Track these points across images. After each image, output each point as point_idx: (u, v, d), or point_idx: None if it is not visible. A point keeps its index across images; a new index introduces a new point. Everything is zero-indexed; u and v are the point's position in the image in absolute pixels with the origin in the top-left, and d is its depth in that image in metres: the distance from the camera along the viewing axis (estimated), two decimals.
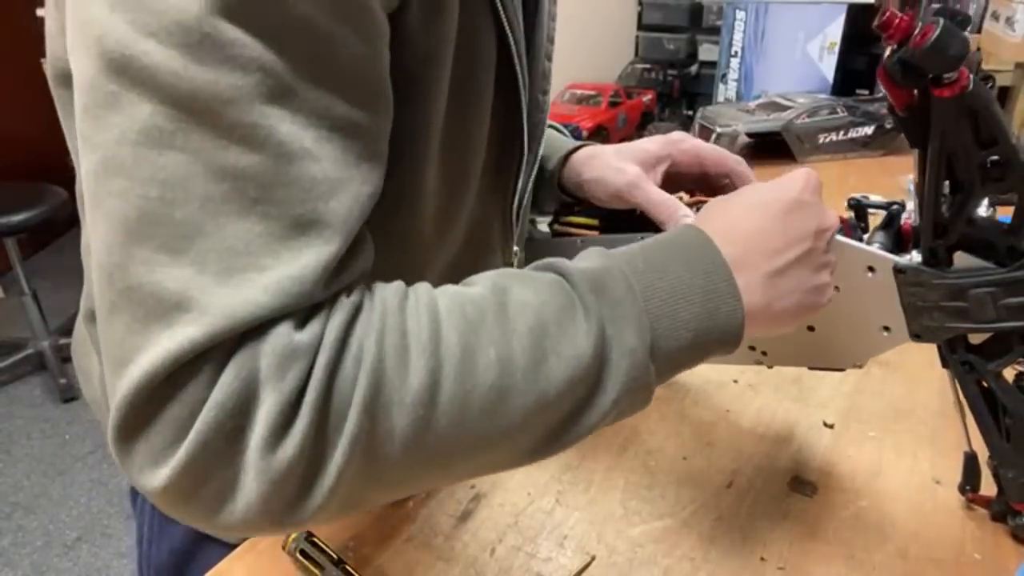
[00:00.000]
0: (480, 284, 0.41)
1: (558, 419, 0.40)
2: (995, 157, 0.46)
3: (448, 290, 0.40)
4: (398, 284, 0.39)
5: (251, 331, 0.33)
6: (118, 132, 0.32)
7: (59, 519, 1.99)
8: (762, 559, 0.59)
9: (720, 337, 0.44)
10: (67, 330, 2.61)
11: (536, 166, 0.62)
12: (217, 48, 0.32)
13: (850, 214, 0.59)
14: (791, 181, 0.50)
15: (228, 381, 0.32)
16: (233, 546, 0.61)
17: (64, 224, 2.90)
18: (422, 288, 0.40)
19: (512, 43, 0.50)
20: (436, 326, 0.37)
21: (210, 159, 0.32)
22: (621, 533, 0.62)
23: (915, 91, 0.47)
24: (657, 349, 0.41)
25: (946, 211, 0.49)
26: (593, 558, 0.59)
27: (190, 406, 0.32)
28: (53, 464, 2.19)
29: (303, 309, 0.34)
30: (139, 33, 0.31)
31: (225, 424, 0.32)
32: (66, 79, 0.47)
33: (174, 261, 0.32)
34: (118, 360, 0.33)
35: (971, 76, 0.44)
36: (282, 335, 0.33)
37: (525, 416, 0.38)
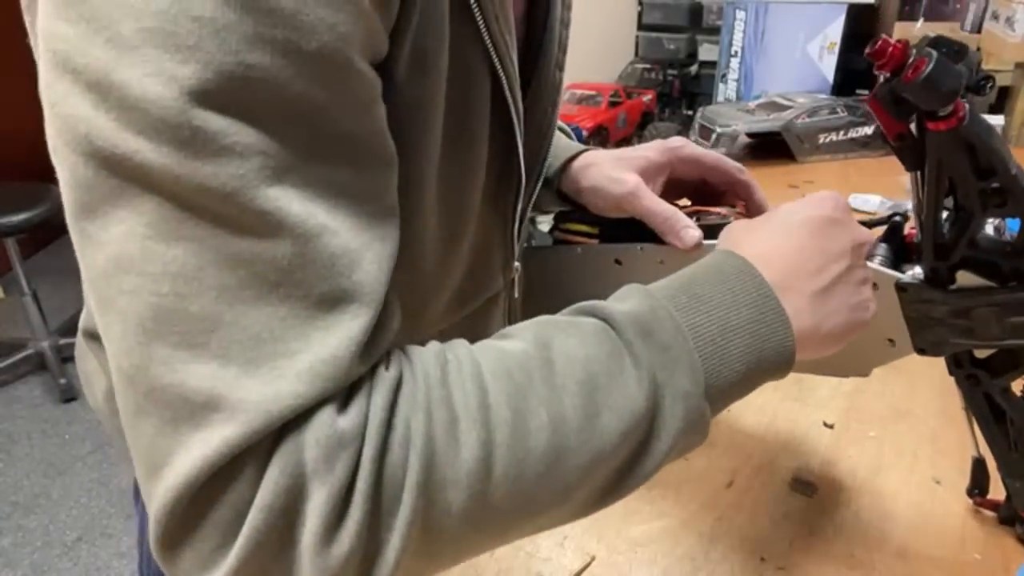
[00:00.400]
0: (520, 339, 0.40)
1: (614, 472, 0.39)
2: (996, 185, 0.44)
3: (488, 351, 0.39)
4: (436, 348, 0.38)
5: (291, 422, 0.31)
6: (126, 228, 0.31)
7: (59, 519, 1.99)
8: (762, 559, 0.59)
9: (771, 368, 0.42)
10: (67, 330, 2.62)
11: (539, 186, 0.60)
12: (209, 140, 0.30)
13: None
14: (819, 200, 0.48)
15: (274, 478, 0.31)
16: None
17: (64, 224, 2.90)
18: (462, 351, 0.38)
19: (505, 84, 0.48)
20: (483, 394, 0.36)
21: (221, 247, 0.31)
22: (621, 533, 0.62)
23: (907, 124, 0.45)
24: (710, 388, 0.40)
25: (947, 232, 0.48)
26: (593, 558, 0.59)
27: (236, 508, 0.31)
28: (53, 464, 2.19)
29: (342, 390, 0.33)
30: (127, 131, 0.30)
31: (276, 524, 0.31)
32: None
33: (195, 357, 0.31)
34: (151, 465, 0.32)
35: (967, 108, 0.42)
36: (325, 424, 0.32)
37: (581, 475, 0.37)
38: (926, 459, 0.69)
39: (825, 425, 0.74)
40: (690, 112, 1.94)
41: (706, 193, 0.65)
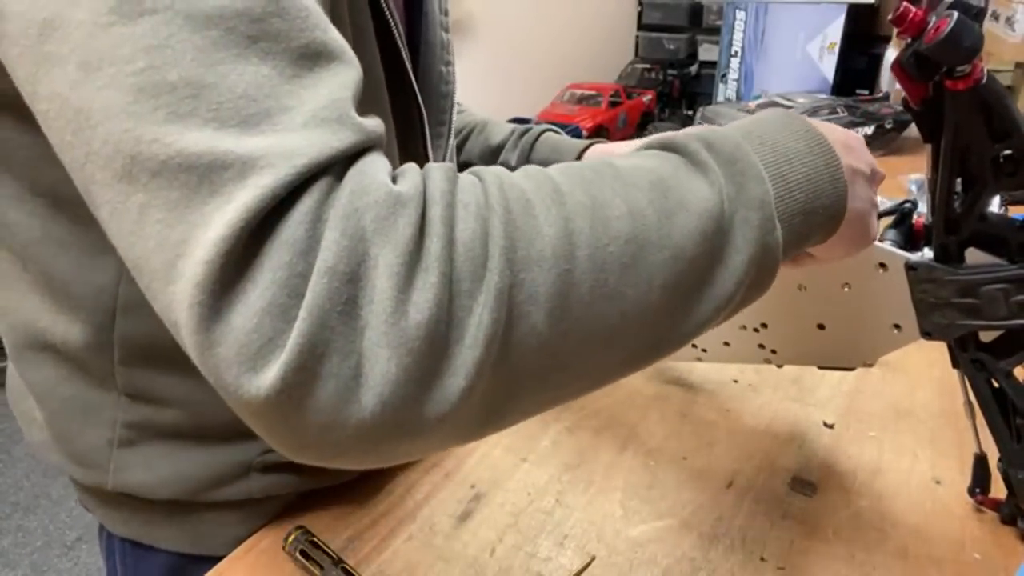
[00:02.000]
0: (584, 162, 0.38)
1: (693, 282, 0.36)
2: (1008, 152, 0.47)
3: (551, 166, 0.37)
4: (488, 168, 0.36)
5: (328, 180, 0.29)
6: (87, 27, 0.29)
7: (59, 519, 1.99)
8: (762, 559, 0.59)
9: (827, 205, 0.41)
10: None
11: (451, 140, 0.60)
12: None
13: None
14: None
15: (334, 238, 0.28)
16: (219, 559, 0.60)
17: None
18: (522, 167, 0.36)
19: (393, 26, 0.48)
20: (555, 184, 0.34)
21: (191, 9, 0.29)
22: (621, 533, 0.62)
23: (929, 85, 0.47)
24: (779, 208, 0.38)
25: (958, 207, 0.50)
26: (593, 558, 0.59)
27: (288, 280, 0.27)
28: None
29: (378, 149, 0.31)
30: None
31: (341, 292, 0.27)
32: None
33: (187, 126, 0.28)
34: (167, 265, 0.28)
35: (984, 69, 0.44)
36: (373, 180, 0.29)
37: (663, 276, 0.35)
38: (926, 459, 0.69)
39: (825, 425, 0.74)
40: (690, 112, 1.94)
41: None
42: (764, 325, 0.62)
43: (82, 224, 0.47)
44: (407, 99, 0.53)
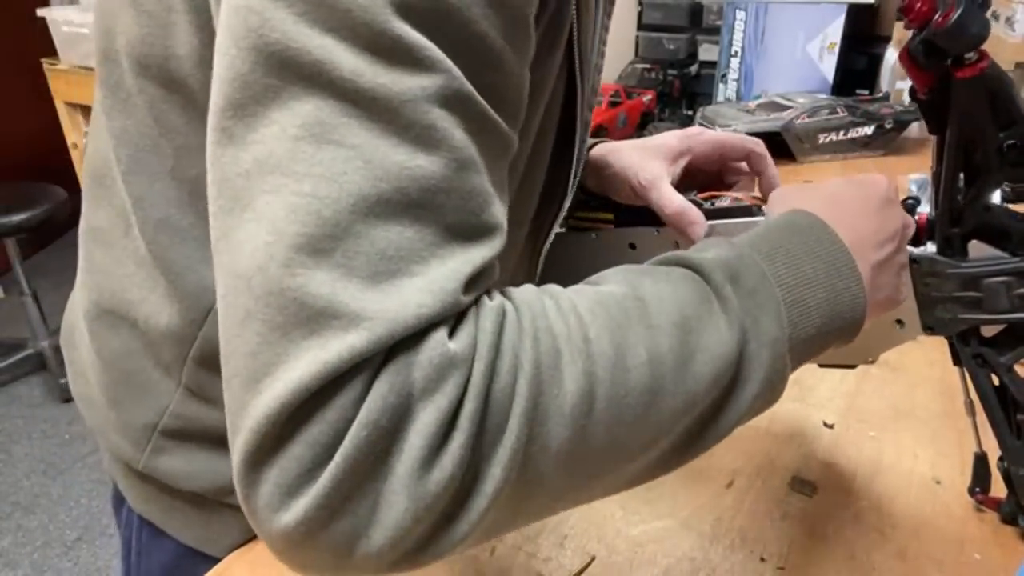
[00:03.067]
0: (611, 282, 0.39)
1: (698, 421, 0.38)
2: (1013, 140, 0.47)
3: (583, 291, 0.38)
4: (530, 287, 0.38)
5: (403, 341, 0.30)
6: (277, 128, 0.30)
7: (59, 519, 1.99)
8: (762, 559, 0.59)
9: (843, 325, 0.42)
10: None
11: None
12: (405, 50, 0.31)
13: None
14: (876, 180, 0.49)
15: (382, 394, 0.29)
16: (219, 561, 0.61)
17: (64, 224, 2.89)
18: (557, 290, 0.38)
19: (579, 90, 0.49)
20: (584, 327, 0.35)
21: (373, 158, 0.30)
22: (621, 533, 0.62)
23: (936, 75, 0.48)
24: (792, 338, 0.40)
25: (962, 198, 0.50)
26: (593, 558, 0.59)
27: (336, 426, 0.29)
28: (53, 464, 2.19)
29: (452, 317, 0.32)
30: (313, 28, 0.30)
31: (376, 445, 0.29)
32: (144, 69, 0.45)
33: (318, 264, 0.30)
34: (250, 376, 0.30)
35: (990, 57, 0.45)
36: (437, 344, 0.30)
37: (673, 419, 0.36)
38: (926, 459, 0.69)
39: (825, 425, 0.74)
40: (690, 112, 1.94)
41: (719, 181, 0.67)
42: None
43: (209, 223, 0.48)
44: (558, 174, 0.55)
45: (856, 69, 1.73)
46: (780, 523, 0.62)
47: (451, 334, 0.32)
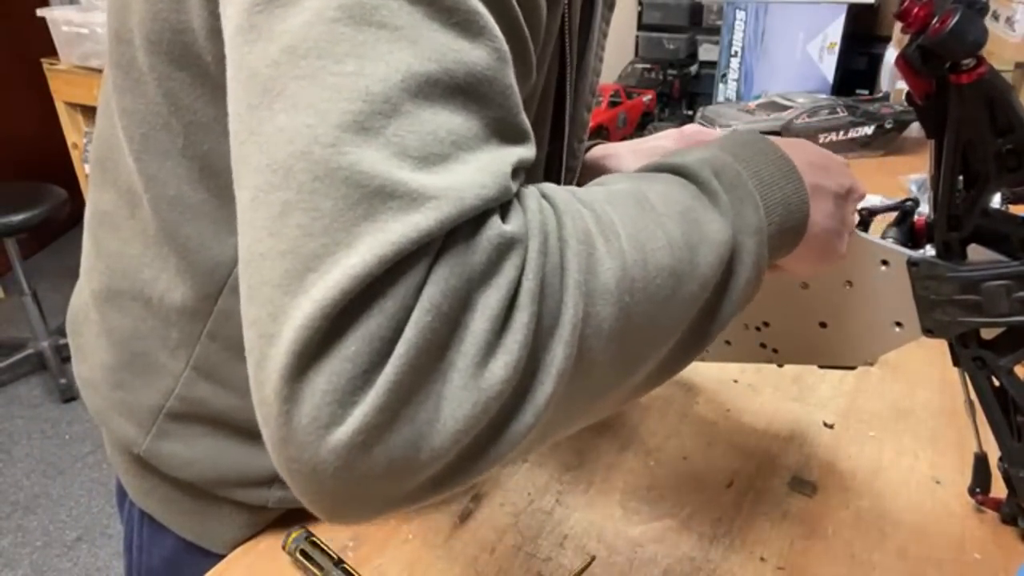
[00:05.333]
0: (614, 182, 0.40)
1: (707, 307, 0.40)
2: (1011, 146, 0.47)
3: (592, 188, 0.39)
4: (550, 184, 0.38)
5: (462, 225, 0.28)
6: (310, 14, 0.28)
7: (59, 519, 1.99)
8: (762, 559, 0.59)
9: (795, 226, 0.44)
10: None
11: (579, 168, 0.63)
12: None
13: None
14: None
15: (444, 277, 0.27)
16: (219, 556, 0.61)
17: (64, 224, 2.90)
18: (569, 187, 0.38)
19: (569, 72, 0.51)
20: (608, 214, 0.35)
21: (420, 37, 0.29)
22: (621, 533, 0.62)
23: (933, 80, 0.47)
24: (770, 230, 0.42)
25: (960, 203, 0.50)
26: (593, 558, 0.59)
27: (397, 316, 0.26)
28: (53, 464, 2.19)
29: (505, 203, 0.31)
30: None
31: (439, 333, 0.27)
32: (156, 46, 0.45)
33: (368, 141, 0.27)
34: (292, 275, 0.27)
35: (988, 63, 0.44)
36: (495, 226, 0.29)
37: (692, 302, 0.37)
38: (926, 459, 0.69)
39: (825, 425, 0.74)
40: (690, 112, 1.94)
41: None
42: (766, 324, 0.62)
43: (222, 199, 0.48)
44: (553, 153, 0.56)
45: (856, 69, 1.73)
46: (780, 523, 0.62)
47: (504, 216, 0.31)
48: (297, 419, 0.27)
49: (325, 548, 0.57)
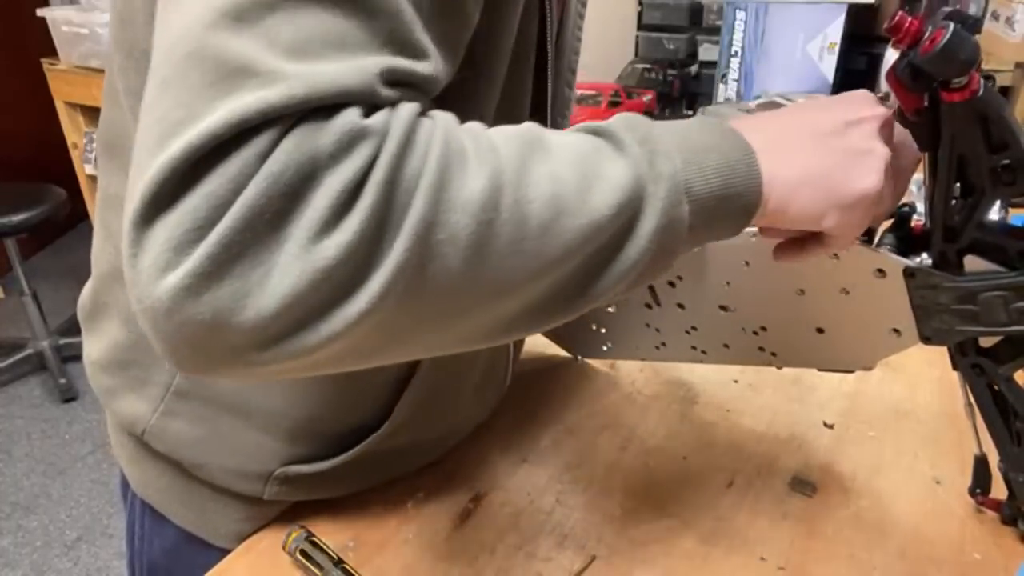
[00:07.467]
0: (512, 127, 0.40)
1: (600, 252, 0.39)
2: (1006, 161, 0.46)
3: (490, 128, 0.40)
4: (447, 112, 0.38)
5: (318, 109, 0.30)
6: None
7: (59, 519, 1.99)
8: (762, 559, 0.59)
9: (743, 191, 0.42)
10: (67, 330, 2.60)
11: None
12: None
13: None
14: (846, 100, 0.47)
15: (287, 150, 0.29)
16: (219, 549, 0.61)
17: (64, 224, 2.89)
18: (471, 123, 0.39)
19: (549, 24, 0.51)
20: (492, 140, 0.36)
21: None
22: (621, 533, 0.62)
23: (924, 96, 0.46)
24: (689, 187, 0.40)
25: (956, 215, 0.49)
26: (593, 558, 0.59)
27: (236, 179, 0.29)
28: (53, 464, 2.19)
29: (368, 103, 0.32)
30: None
31: (275, 202, 0.29)
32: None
33: (242, 30, 0.30)
34: (159, 137, 0.30)
35: (982, 80, 0.43)
36: (350, 116, 0.31)
37: (575, 242, 0.37)
38: (926, 459, 0.69)
39: (825, 425, 0.74)
40: (690, 112, 1.94)
41: None
42: (764, 328, 0.62)
43: None
44: (538, 107, 0.56)
45: (856, 69, 1.73)
46: (780, 523, 0.62)
47: (367, 112, 0.32)
48: (141, 263, 0.30)
49: (325, 548, 0.57)
